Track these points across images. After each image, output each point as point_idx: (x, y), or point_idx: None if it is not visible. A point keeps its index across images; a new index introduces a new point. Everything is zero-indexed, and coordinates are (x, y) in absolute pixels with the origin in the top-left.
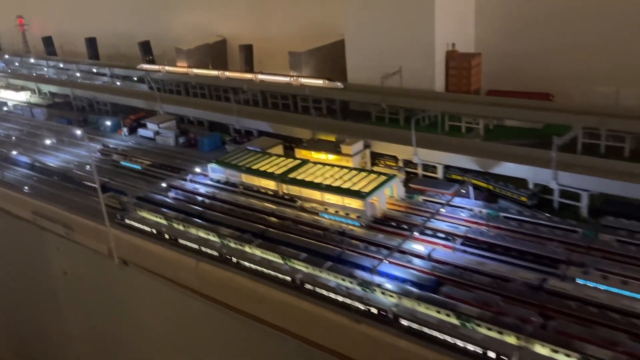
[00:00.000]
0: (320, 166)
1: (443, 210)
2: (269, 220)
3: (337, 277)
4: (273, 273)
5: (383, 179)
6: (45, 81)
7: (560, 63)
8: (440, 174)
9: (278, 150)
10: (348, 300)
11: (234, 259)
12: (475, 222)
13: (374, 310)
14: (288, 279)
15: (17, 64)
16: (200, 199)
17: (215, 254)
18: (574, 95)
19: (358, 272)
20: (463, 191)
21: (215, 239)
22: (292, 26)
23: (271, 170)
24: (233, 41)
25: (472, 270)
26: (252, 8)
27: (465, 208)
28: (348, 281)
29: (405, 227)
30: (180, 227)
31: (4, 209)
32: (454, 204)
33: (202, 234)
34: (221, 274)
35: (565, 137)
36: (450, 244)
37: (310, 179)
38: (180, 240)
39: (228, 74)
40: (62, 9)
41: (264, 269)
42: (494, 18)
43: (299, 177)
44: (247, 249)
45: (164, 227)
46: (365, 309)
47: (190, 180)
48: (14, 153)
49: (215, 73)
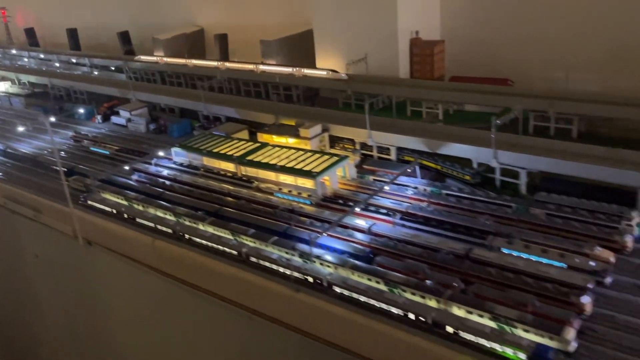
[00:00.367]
0: (278, 149)
1: (387, 188)
2: (225, 200)
3: (280, 250)
4: (222, 248)
5: (335, 159)
6: (24, 71)
7: (522, 50)
8: (393, 155)
9: (243, 134)
10: (288, 271)
11: (187, 236)
12: (418, 199)
13: (311, 279)
14: (235, 252)
15: (0, 55)
16: (162, 181)
17: (170, 231)
18: (535, 80)
19: (300, 245)
20: (409, 170)
21: (171, 218)
22: (266, 16)
23: (231, 153)
24: (211, 31)
25: (406, 242)
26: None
27: (410, 186)
28: (290, 254)
29: (351, 204)
30: (139, 207)
31: None
32: (402, 182)
33: (159, 213)
34: (175, 251)
35: (504, 118)
36: (391, 219)
37: (267, 161)
38: (138, 220)
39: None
40: (44, 0)
41: (213, 245)
42: (459, 6)
43: (256, 160)
44: (200, 227)
45: (123, 208)
46: (303, 278)
47: (155, 164)
48: None
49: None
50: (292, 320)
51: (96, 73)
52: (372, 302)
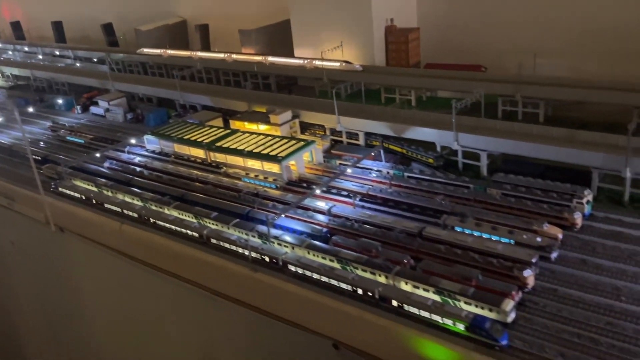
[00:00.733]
0: (247, 135)
1: (350, 171)
2: (192, 185)
3: (240, 232)
4: (184, 231)
5: (301, 144)
6: (7, 64)
7: (496, 37)
8: (361, 141)
9: (218, 122)
10: (246, 252)
11: (152, 220)
12: (380, 182)
13: (267, 259)
14: (196, 234)
15: None
16: (132, 167)
17: (136, 215)
18: (509, 66)
19: (259, 227)
20: (373, 154)
21: (138, 203)
22: (247, 6)
23: (201, 140)
24: (194, 22)
25: (363, 222)
26: None
27: (374, 170)
28: (249, 235)
29: (314, 187)
30: (108, 193)
31: None
32: (366, 166)
33: (127, 199)
34: (141, 235)
35: (463, 101)
36: (351, 201)
37: (236, 147)
38: (106, 205)
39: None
40: None
41: (177, 228)
42: None
43: (225, 146)
44: (165, 211)
45: (92, 194)
46: (261, 258)
47: (128, 152)
48: None
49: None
50: (252, 300)
51: (78, 65)
52: (324, 279)
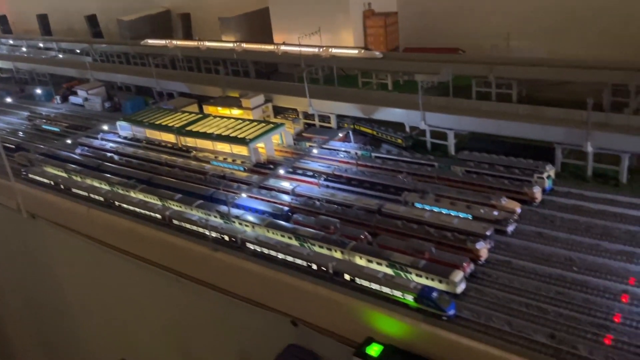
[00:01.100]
0: (218, 119)
1: (316, 151)
2: (160, 168)
3: (202, 213)
4: (148, 213)
5: (270, 127)
6: None
7: (474, 20)
8: (333, 123)
9: (193, 108)
10: (207, 232)
11: (117, 203)
12: (347, 162)
13: (227, 238)
14: (159, 216)
15: None
16: (103, 153)
17: (102, 199)
18: (487, 49)
19: (222, 207)
20: (340, 135)
21: (105, 187)
22: None
23: (172, 125)
24: (177, 11)
25: (324, 200)
26: None
27: (342, 151)
28: (212, 215)
29: (278, 168)
30: (77, 178)
31: None
32: (335, 147)
33: (95, 183)
34: (107, 218)
35: (428, 80)
36: (316, 180)
37: (207, 131)
38: (74, 190)
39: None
40: None
41: (141, 210)
42: None
43: (195, 130)
44: (132, 194)
45: (61, 179)
46: (220, 237)
47: (102, 138)
48: None
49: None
50: (214, 279)
51: (61, 56)
52: (280, 256)
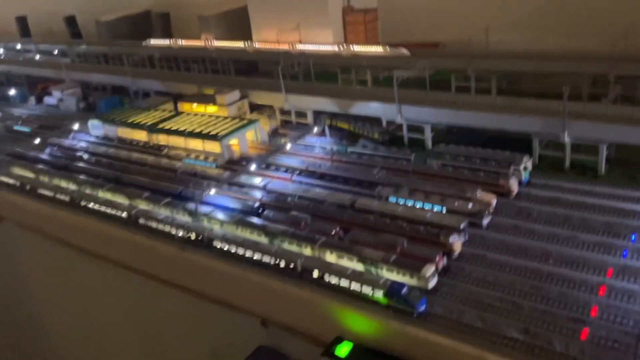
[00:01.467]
0: (192, 116)
1: (288, 147)
2: (130, 167)
3: (169, 210)
4: (114, 212)
5: (243, 123)
6: None
7: (454, 14)
8: (310, 119)
9: (169, 106)
10: (173, 230)
11: (83, 203)
12: (321, 157)
13: (193, 237)
14: (125, 215)
15: None
16: (73, 153)
17: (68, 199)
18: (467, 43)
19: (190, 205)
20: (315, 131)
21: (72, 187)
22: None
23: (144, 123)
24: (157, 11)
25: (295, 196)
26: None
27: (318, 147)
28: (180, 213)
29: (249, 164)
30: (44, 178)
31: None
32: (311, 143)
33: (63, 183)
34: (74, 219)
35: (404, 73)
36: (289, 176)
37: (180, 128)
38: (40, 191)
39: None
40: None
41: (107, 209)
42: None
43: (167, 127)
44: (99, 194)
45: (28, 180)
46: (187, 236)
47: (73, 138)
48: None
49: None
50: (182, 280)
51: (38, 57)
52: (248, 253)
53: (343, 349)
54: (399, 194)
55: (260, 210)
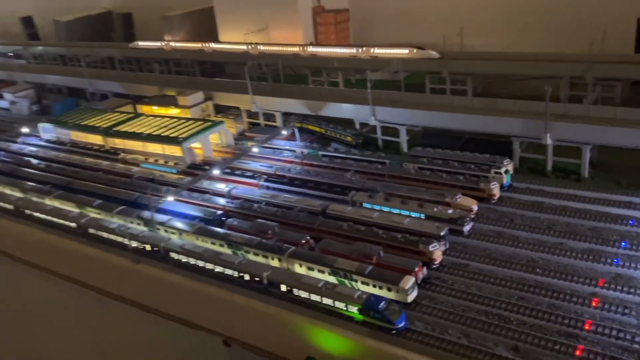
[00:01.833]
0: (151, 118)
1: (256, 150)
2: (81, 173)
3: (123, 220)
4: (62, 221)
5: (206, 125)
6: None
7: (427, 16)
8: (279, 122)
9: (128, 109)
10: (127, 241)
11: (28, 212)
12: (290, 161)
13: (149, 248)
14: (74, 225)
15: None
16: (20, 158)
17: (12, 207)
18: (439, 44)
19: (145, 213)
20: (284, 133)
21: (17, 194)
22: None
23: (99, 126)
24: (119, 12)
25: (263, 202)
26: None
27: (288, 150)
28: (134, 222)
29: (211, 169)
30: None
31: None
32: (280, 146)
33: (7, 190)
34: (18, 229)
35: (375, 74)
36: (255, 181)
37: (138, 130)
38: None
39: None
40: None
41: (54, 218)
42: None
43: (124, 130)
44: (46, 201)
45: None
46: (141, 247)
47: (22, 142)
48: None
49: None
50: (136, 296)
51: None
52: (209, 266)
53: None
54: (374, 199)
55: (223, 219)
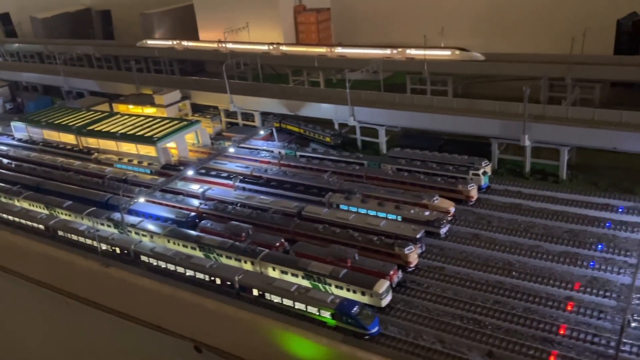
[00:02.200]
0: (126, 117)
1: (233, 151)
2: (54, 173)
3: (93, 222)
4: (29, 223)
5: (181, 125)
6: None
7: (408, 17)
8: (258, 121)
9: (105, 107)
10: (96, 243)
11: None
12: (268, 162)
13: (118, 251)
14: (42, 227)
15: None
16: None
17: None
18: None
19: (116, 215)
20: (262, 133)
21: None
22: None
23: (72, 125)
24: (98, 9)
25: (237, 204)
26: None
27: (265, 150)
28: (106, 224)
29: (185, 169)
30: None
31: None
32: (257, 147)
33: None
34: None
35: (354, 74)
36: (231, 182)
37: (113, 130)
38: None
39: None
40: None
41: (21, 220)
42: None
43: (98, 129)
44: (15, 202)
45: None
46: (111, 249)
47: None
48: None
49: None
50: (106, 300)
51: None
52: (180, 269)
53: None
54: (350, 201)
55: (197, 221)
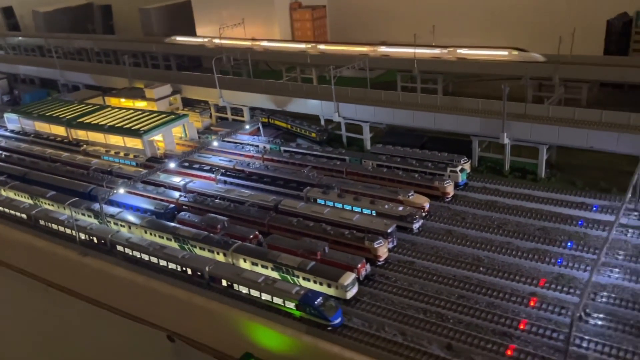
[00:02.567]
0: (117, 110)
1: (216, 144)
2: (41, 164)
3: (72, 212)
4: (12, 212)
5: (170, 118)
6: None
7: (402, 15)
8: (246, 116)
9: (98, 100)
10: (74, 233)
11: None
12: (251, 156)
13: (96, 240)
14: (24, 216)
15: None
16: None
17: None
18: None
19: (95, 205)
20: (247, 128)
21: None
22: None
23: (63, 117)
24: (99, 3)
25: (216, 197)
26: None
27: (250, 144)
28: (86, 214)
29: (167, 162)
30: None
31: None
32: (243, 141)
33: None
34: None
35: (339, 70)
36: (213, 176)
37: (102, 122)
38: None
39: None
40: None
41: (5, 209)
42: None
43: (87, 122)
44: (1, 192)
45: None
46: (89, 239)
47: None
48: None
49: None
50: (84, 289)
51: None
52: (153, 259)
53: None
54: (327, 195)
55: (175, 212)
